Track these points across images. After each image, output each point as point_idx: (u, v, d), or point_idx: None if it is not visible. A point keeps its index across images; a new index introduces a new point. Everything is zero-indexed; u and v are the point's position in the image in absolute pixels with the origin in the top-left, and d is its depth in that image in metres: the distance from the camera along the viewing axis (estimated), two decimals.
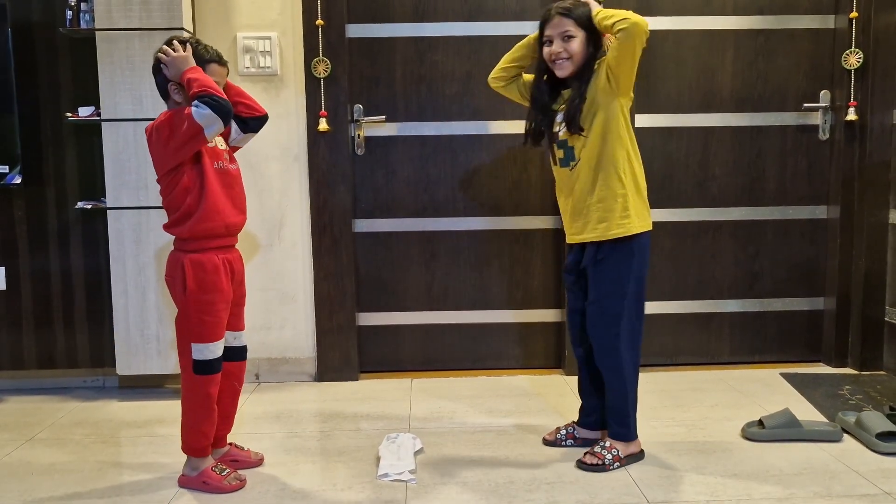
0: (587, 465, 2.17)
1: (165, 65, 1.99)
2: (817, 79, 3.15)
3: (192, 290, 2.01)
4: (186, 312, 2.04)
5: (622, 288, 2.14)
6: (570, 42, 2.13)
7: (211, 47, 2.08)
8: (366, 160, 3.12)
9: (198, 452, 2.09)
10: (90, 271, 3.01)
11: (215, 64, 2.06)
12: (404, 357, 3.22)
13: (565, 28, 2.12)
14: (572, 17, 2.12)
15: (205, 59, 2.03)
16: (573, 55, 2.13)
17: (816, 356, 3.27)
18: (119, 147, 2.76)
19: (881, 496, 1.96)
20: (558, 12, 2.14)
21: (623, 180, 2.12)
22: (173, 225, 2.05)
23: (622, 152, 2.12)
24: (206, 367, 2.04)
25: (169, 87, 2.02)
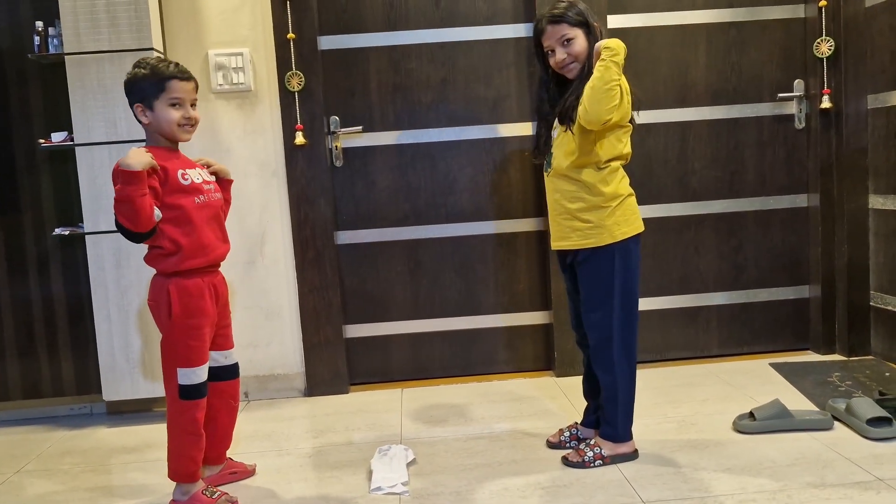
0: (569, 462, 2.19)
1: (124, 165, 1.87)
2: (790, 68, 3.17)
3: (177, 315, 1.98)
4: (172, 337, 2.01)
5: (608, 289, 2.14)
6: (571, 45, 2.11)
7: (173, 63, 2.00)
8: (345, 172, 3.11)
9: (186, 478, 2.06)
10: (71, 298, 2.98)
11: (176, 80, 1.97)
12: (394, 367, 3.21)
13: (562, 33, 2.10)
14: (565, 21, 2.10)
15: (165, 75, 1.96)
16: (578, 56, 2.12)
17: (804, 344, 3.28)
18: (94, 171, 2.73)
19: (874, 482, 1.97)
20: (549, 21, 2.12)
21: (596, 193, 2.10)
22: (156, 261, 2.01)
23: (598, 164, 2.11)
24: (192, 391, 2.01)
25: (135, 110, 1.99)
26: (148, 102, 1.97)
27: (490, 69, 3.10)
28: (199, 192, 2.03)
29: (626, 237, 2.12)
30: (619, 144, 2.12)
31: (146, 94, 1.97)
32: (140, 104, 1.98)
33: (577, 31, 2.10)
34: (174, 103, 1.98)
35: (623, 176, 2.16)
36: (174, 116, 1.98)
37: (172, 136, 2.02)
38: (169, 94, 1.97)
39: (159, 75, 1.96)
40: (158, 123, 1.99)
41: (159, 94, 1.96)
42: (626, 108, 2.05)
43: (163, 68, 1.97)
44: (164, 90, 1.96)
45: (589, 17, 2.12)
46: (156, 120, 1.98)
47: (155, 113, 1.98)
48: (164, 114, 1.97)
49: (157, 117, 1.98)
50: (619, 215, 2.12)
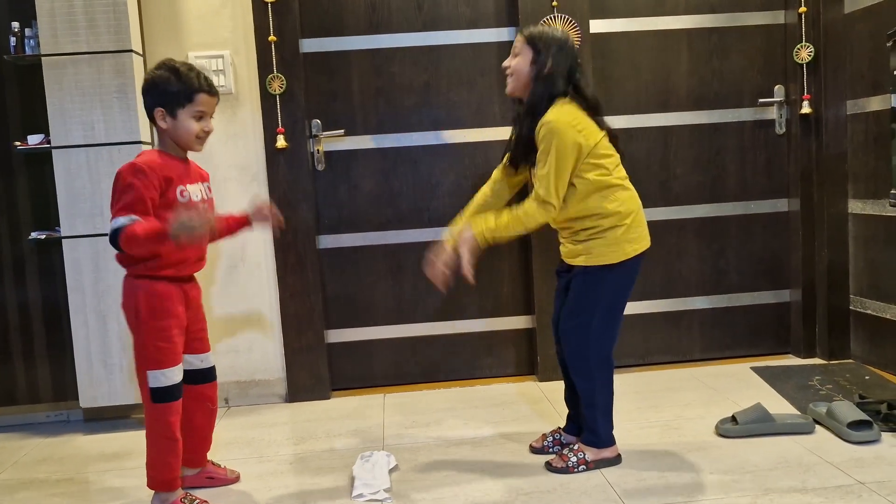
0: (552, 468, 2.19)
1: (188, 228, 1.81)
2: (771, 74, 3.19)
3: (145, 317, 1.96)
4: (140, 339, 1.99)
5: (594, 304, 2.14)
6: (515, 58, 2.16)
7: (202, 74, 1.97)
8: (327, 175, 3.09)
9: (164, 486, 2.03)
10: (48, 303, 2.93)
11: (204, 94, 1.96)
12: (376, 372, 3.18)
13: (517, 44, 2.16)
14: (524, 36, 2.14)
15: (195, 87, 1.94)
16: (514, 71, 2.15)
17: (785, 348, 3.30)
18: (72, 175, 2.69)
19: (855, 486, 1.98)
20: (520, 30, 2.21)
21: (608, 208, 2.10)
22: (127, 261, 1.99)
23: (584, 197, 2.10)
24: (163, 394, 1.99)
25: (155, 113, 1.96)
26: (171, 109, 1.95)
27: (473, 73, 3.09)
28: (190, 207, 2.01)
29: (635, 254, 2.13)
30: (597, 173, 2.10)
31: (171, 101, 1.94)
32: (162, 108, 1.95)
33: (527, 51, 2.13)
34: (198, 116, 1.97)
35: (625, 190, 2.14)
36: (195, 128, 1.97)
37: (187, 146, 2.02)
38: (195, 106, 1.96)
39: (189, 86, 1.94)
40: (176, 132, 1.97)
41: (185, 105, 1.95)
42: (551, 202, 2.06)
43: (193, 79, 1.94)
44: (191, 101, 1.95)
45: (550, 50, 2.10)
46: (174, 128, 1.96)
47: (177, 121, 1.96)
48: (185, 124, 1.96)
49: (177, 125, 1.96)
50: (630, 232, 2.11)
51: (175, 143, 2.01)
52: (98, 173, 2.68)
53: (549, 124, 2.04)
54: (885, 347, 2.94)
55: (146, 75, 1.99)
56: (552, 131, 2.03)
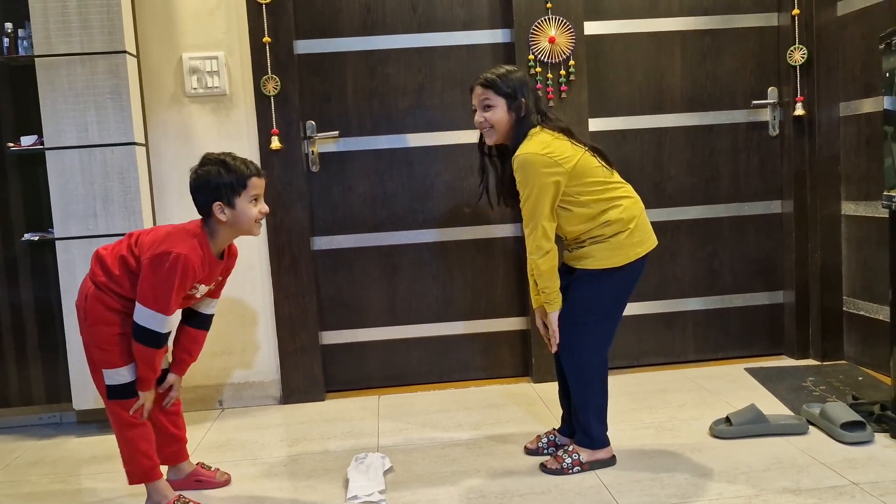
0: (547, 469, 2.19)
1: None
2: (764, 76, 3.20)
3: (92, 321, 1.99)
4: (88, 341, 2.02)
5: (593, 306, 2.15)
6: (490, 111, 2.14)
7: (251, 162, 2.02)
8: (321, 177, 3.09)
9: (144, 477, 2.04)
10: (41, 305, 2.92)
11: (255, 178, 2.00)
12: (370, 374, 3.18)
13: (485, 97, 2.14)
14: (490, 87, 2.13)
15: (245, 174, 1.98)
16: (495, 124, 2.14)
17: (779, 349, 3.31)
18: (65, 176, 2.68)
19: (849, 486, 1.98)
20: (478, 83, 2.16)
21: (608, 218, 2.10)
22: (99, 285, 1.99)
23: (591, 212, 2.10)
24: (119, 391, 2.00)
25: (214, 208, 1.98)
26: (228, 200, 1.98)
27: (467, 75, 3.09)
28: (188, 300, 2.07)
29: (638, 257, 2.13)
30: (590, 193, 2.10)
31: (227, 193, 1.97)
32: (219, 202, 1.97)
33: (500, 101, 2.12)
34: (254, 200, 2.01)
35: (625, 198, 2.13)
36: (254, 213, 2.01)
37: (248, 232, 2.05)
38: (250, 191, 1.99)
39: (241, 174, 1.98)
40: (237, 220, 2.00)
41: (241, 192, 1.98)
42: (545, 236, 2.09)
43: (242, 167, 1.99)
44: (245, 187, 1.98)
45: (521, 90, 2.11)
46: (235, 217, 1.99)
47: (236, 210, 1.99)
48: (246, 211, 1.99)
49: (237, 215, 1.99)
50: (633, 237, 2.12)
51: (235, 231, 2.03)
52: (91, 174, 2.67)
53: (521, 158, 2.05)
54: (878, 348, 2.95)
55: (192, 174, 2.01)
56: (524, 165, 2.04)
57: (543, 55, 2.97)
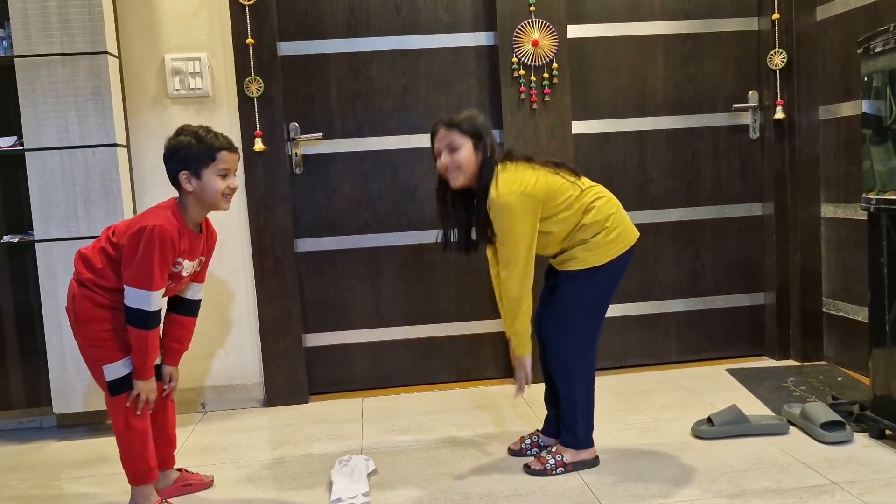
0: (531, 470, 2.19)
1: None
2: (745, 79, 3.23)
3: (83, 319, 1.98)
4: (82, 342, 2.01)
5: (579, 302, 2.16)
6: (456, 153, 2.12)
7: (221, 134, 2.02)
8: (305, 179, 3.08)
9: (143, 479, 2.04)
10: (21, 308, 2.89)
11: (225, 151, 2.00)
12: (355, 376, 3.17)
13: (450, 139, 2.12)
14: (456, 128, 2.12)
15: (215, 146, 1.98)
16: (462, 165, 2.12)
17: (760, 350, 3.34)
18: (45, 177, 2.65)
19: (829, 486, 2.00)
20: (442, 124, 2.14)
21: (587, 222, 2.12)
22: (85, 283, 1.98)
23: (571, 225, 2.12)
24: (121, 385, 1.99)
25: (180, 177, 1.98)
26: (195, 170, 1.97)
27: (451, 77, 3.10)
28: (175, 280, 2.04)
29: (620, 253, 2.15)
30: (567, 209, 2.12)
31: (194, 163, 1.97)
32: (186, 171, 1.98)
33: (466, 141, 2.11)
34: (222, 174, 2.00)
35: (598, 199, 2.15)
36: (220, 186, 2.00)
37: (214, 206, 2.03)
38: (218, 164, 1.99)
39: (209, 145, 1.98)
40: (203, 192, 1.99)
41: (209, 164, 1.98)
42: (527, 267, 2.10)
43: (212, 139, 1.99)
44: (214, 160, 1.98)
45: (485, 132, 2.12)
46: (201, 188, 1.99)
47: (202, 182, 1.98)
48: (211, 183, 1.98)
49: (203, 186, 1.98)
50: (611, 234, 2.13)
51: (201, 203, 2.02)
52: (72, 176, 2.65)
53: (498, 203, 2.05)
54: (857, 349, 2.98)
55: (166, 143, 2.01)
56: (503, 209, 2.05)
57: (527, 58, 2.98)
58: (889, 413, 2.24)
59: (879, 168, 2.26)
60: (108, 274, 1.97)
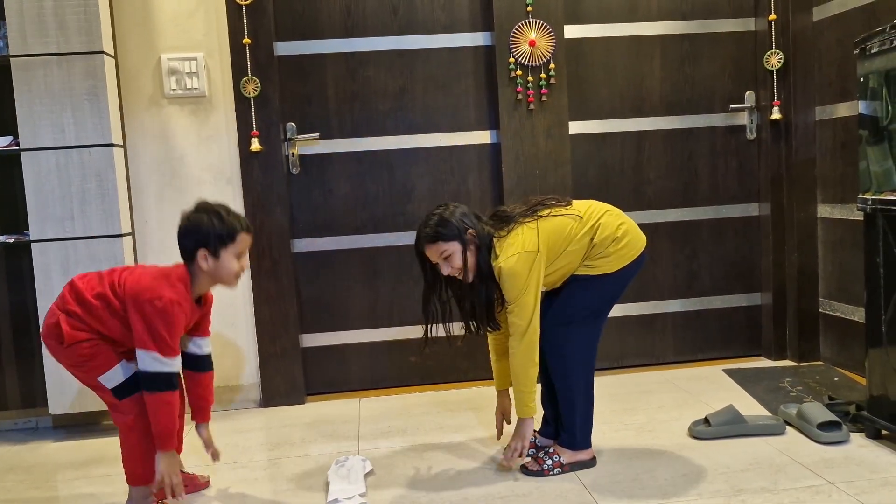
0: (528, 471, 2.19)
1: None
2: (741, 80, 3.23)
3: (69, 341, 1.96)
4: (72, 363, 2.00)
5: (585, 304, 2.16)
6: (451, 259, 2.09)
7: (243, 218, 2.04)
8: (301, 179, 3.07)
9: (142, 480, 2.03)
10: (16, 308, 2.88)
11: (244, 233, 2.02)
12: (352, 377, 3.17)
13: (440, 251, 2.09)
14: (438, 239, 2.09)
15: (236, 228, 1.99)
16: (461, 266, 2.10)
17: (757, 350, 3.34)
18: (41, 178, 2.65)
19: (825, 486, 2.01)
20: (425, 242, 2.11)
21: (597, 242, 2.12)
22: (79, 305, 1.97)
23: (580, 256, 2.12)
24: (126, 388, 1.98)
25: (198, 254, 1.98)
26: (214, 250, 1.98)
27: (448, 77, 3.10)
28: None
29: (631, 260, 2.15)
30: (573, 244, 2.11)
31: (214, 242, 1.98)
32: (205, 249, 1.98)
33: (453, 245, 2.09)
34: (239, 255, 2.02)
35: (599, 218, 2.14)
36: (236, 267, 2.01)
37: (226, 284, 2.05)
38: (237, 245, 2.00)
39: (231, 227, 1.99)
40: (218, 271, 2.00)
41: (228, 245, 1.99)
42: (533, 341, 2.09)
43: (234, 221, 2.00)
44: (233, 241, 1.99)
45: (461, 224, 2.09)
46: (217, 267, 1.99)
47: (220, 261, 1.99)
48: (228, 263, 2.00)
49: (219, 265, 1.99)
50: (620, 243, 2.13)
51: (212, 280, 2.03)
52: (68, 176, 2.65)
53: (506, 271, 2.04)
54: (854, 349, 2.99)
55: (184, 218, 2.01)
56: (511, 275, 2.04)
57: (524, 58, 2.98)
58: (885, 413, 2.24)
59: (876, 168, 2.26)
60: (104, 318, 1.95)
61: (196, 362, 2.16)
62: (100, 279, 2.00)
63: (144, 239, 2.93)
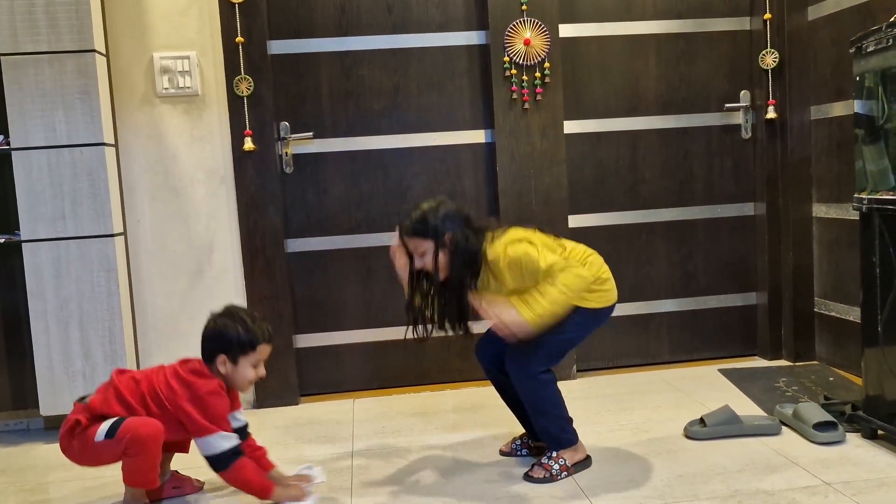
0: (535, 479, 2.14)
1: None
2: (737, 79, 3.23)
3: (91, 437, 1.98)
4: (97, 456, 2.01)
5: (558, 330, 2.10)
6: (426, 256, 2.08)
7: (268, 328, 2.06)
8: (295, 178, 3.06)
9: (141, 484, 2.03)
10: (7, 309, 2.85)
11: (265, 344, 2.04)
12: (346, 377, 3.15)
13: (414, 245, 2.09)
14: (416, 235, 2.07)
15: (259, 339, 2.02)
16: (433, 267, 2.08)
17: (752, 350, 3.33)
18: (32, 177, 2.62)
19: (821, 486, 2.00)
20: (402, 232, 2.10)
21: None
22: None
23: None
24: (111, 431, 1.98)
25: (217, 359, 2.00)
26: (234, 357, 2.01)
27: (443, 76, 3.09)
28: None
29: (608, 304, 2.15)
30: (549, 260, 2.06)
31: (235, 350, 2.01)
32: (224, 356, 2.01)
33: (427, 244, 2.07)
34: (256, 364, 2.04)
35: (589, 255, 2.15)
36: (252, 376, 2.04)
37: (239, 390, 2.09)
38: (256, 355, 2.03)
39: (253, 337, 2.01)
40: (234, 377, 2.03)
41: (248, 353, 2.01)
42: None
43: (257, 331, 2.02)
44: (254, 351, 2.02)
45: (443, 226, 2.05)
46: (233, 373, 2.02)
47: (237, 368, 2.01)
48: (244, 371, 2.02)
49: (236, 371, 2.02)
50: (607, 285, 2.14)
51: (227, 384, 2.04)
52: (60, 176, 2.62)
53: (508, 260, 2.03)
54: (849, 349, 2.98)
55: (210, 320, 2.03)
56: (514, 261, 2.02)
57: (518, 57, 2.97)
58: (881, 413, 2.24)
59: (871, 168, 2.26)
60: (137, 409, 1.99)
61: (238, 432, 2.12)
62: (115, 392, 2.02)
63: (137, 239, 2.91)
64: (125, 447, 1.93)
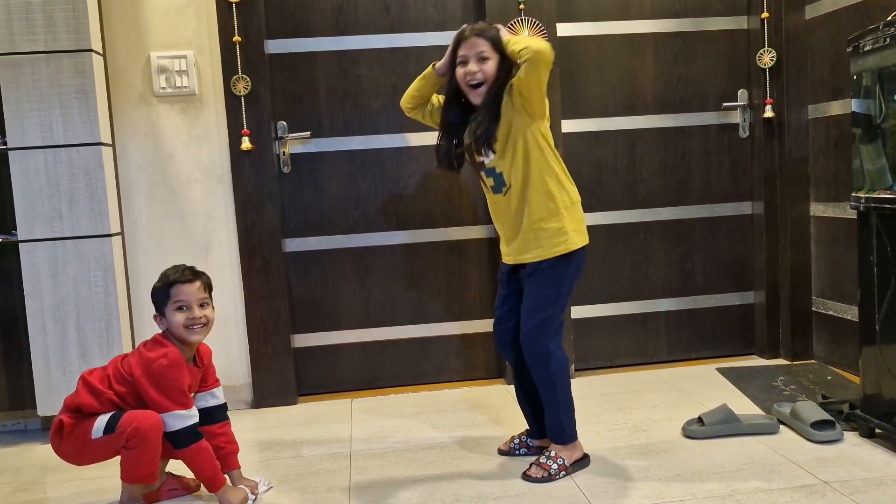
0: (533, 479, 2.14)
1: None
2: (734, 78, 3.23)
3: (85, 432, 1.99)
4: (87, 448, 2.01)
5: (556, 298, 2.14)
6: (485, 63, 2.09)
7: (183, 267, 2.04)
8: (293, 178, 3.05)
9: (139, 480, 2.03)
10: (4, 309, 2.85)
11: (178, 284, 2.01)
12: (343, 377, 3.15)
13: (480, 49, 2.09)
14: (487, 39, 2.09)
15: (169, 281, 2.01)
16: (487, 77, 2.09)
17: (750, 349, 3.34)
18: (29, 177, 2.62)
19: (819, 485, 2.00)
20: (474, 33, 2.11)
21: (556, 200, 2.12)
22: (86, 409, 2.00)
23: (550, 172, 2.12)
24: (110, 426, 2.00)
25: (154, 320, 2.05)
26: (161, 310, 2.02)
27: None
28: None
29: (581, 246, 2.15)
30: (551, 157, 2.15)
31: (159, 304, 2.03)
32: (157, 314, 2.03)
33: (495, 55, 2.09)
34: (180, 307, 2.01)
35: (570, 182, 2.20)
36: (179, 319, 2.01)
37: (182, 339, 2.03)
38: (174, 298, 2.01)
39: (165, 282, 2.02)
40: (171, 329, 2.02)
41: (167, 301, 2.01)
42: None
43: (170, 274, 2.02)
44: (170, 296, 2.01)
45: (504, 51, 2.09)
46: (171, 328, 2.02)
47: (167, 319, 2.02)
48: (172, 318, 2.01)
49: (168, 323, 2.02)
50: (576, 222, 2.14)
51: (178, 339, 2.03)
52: (57, 175, 2.62)
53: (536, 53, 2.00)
54: (847, 348, 2.99)
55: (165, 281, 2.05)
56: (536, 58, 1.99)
57: None
58: (879, 411, 2.24)
59: (869, 167, 2.26)
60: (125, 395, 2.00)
61: (215, 414, 2.14)
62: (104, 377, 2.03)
63: (134, 238, 2.91)
64: (126, 440, 1.93)
